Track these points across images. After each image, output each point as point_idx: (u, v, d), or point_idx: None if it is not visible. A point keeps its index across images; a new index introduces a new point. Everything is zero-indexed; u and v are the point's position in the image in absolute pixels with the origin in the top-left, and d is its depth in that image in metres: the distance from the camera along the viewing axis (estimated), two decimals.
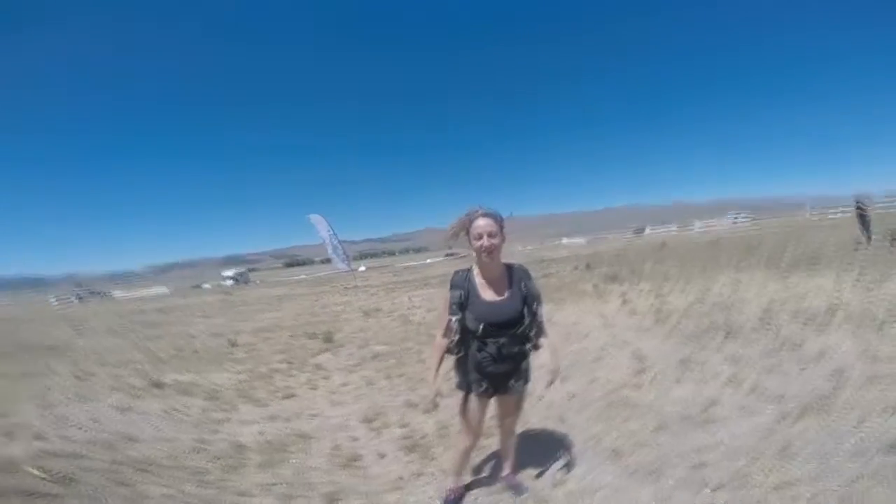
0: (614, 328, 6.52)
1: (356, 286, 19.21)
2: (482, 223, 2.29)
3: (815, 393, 3.60)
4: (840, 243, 15.78)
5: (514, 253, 51.23)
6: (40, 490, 3.00)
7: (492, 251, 2.29)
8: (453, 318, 2.33)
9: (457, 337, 2.36)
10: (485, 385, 2.39)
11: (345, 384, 5.29)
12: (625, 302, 8.41)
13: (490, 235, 2.28)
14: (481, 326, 2.29)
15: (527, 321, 2.36)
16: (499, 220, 2.33)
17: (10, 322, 18.80)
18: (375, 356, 6.44)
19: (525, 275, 2.45)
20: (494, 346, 2.31)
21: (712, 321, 6.08)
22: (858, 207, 15.09)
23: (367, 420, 4.06)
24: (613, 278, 11.97)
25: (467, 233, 2.34)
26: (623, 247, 32.98)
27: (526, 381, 2.50)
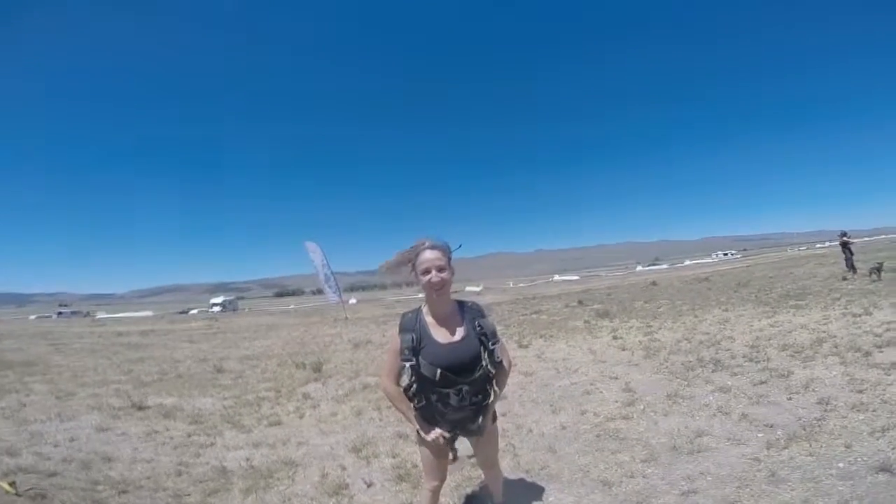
0: (604, 363, 6.54)
1: (346, 318, 19.03)
2: (429, 256, 2.08)
3: (802, 421, 3.65)
4: (827, 275, 16.13)
5: (507, 290, 51.30)
6: None
7: (442, 287, 2.09)
8: (407, 365, 2.10)
9: (413, 385, 2.14)
10: (446, 429, 2.17)
11: (334, 414, 5.20)
12: (615, 338, 8.46)
13: (439, 269, 2.07)
14: (438, 372, 2.06)
15: (485, 363, 2.12)
16: (447, 253, 2.13)
17: None
18: (365, 387, 6.36)
19: (478, 312, 2.23)
20: (456, 398, 2.09)
21: (700, 356, 6.14)
22: (843, 242, 15.63)
23: (356, 449, 3.99)
24: (604, 315, 12.05)
25: (413, 268, 2.14)
26: (615, 284, 33.22)
27: (488, 418, 2.23)
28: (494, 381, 2.21)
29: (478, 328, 2.15)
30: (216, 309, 58.61)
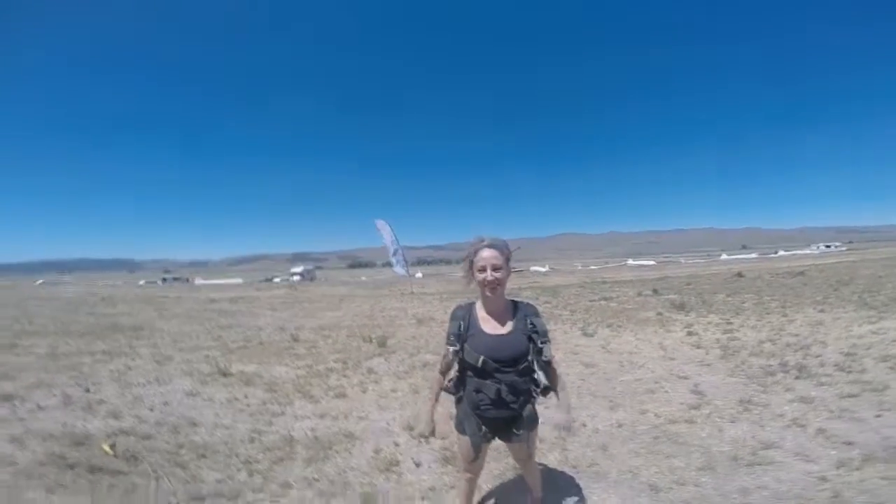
0: (674, 360, 6.22)
1: (412, 292, 19.57)
2: (487, 255, 2.15)
3: (886, 441, 3.29)
4: None
5: (575, 272, 49.88)
6: (107, 466, 3.34)
7: (496, 285, 2.14)
8: (451, 349, 2.20)
9: (455, 374, 2.26)
10: (483, 430, 2.23)
11: (393, 390, 5.42)
12: (690, 333, 8.00)
13: (494, 269, 2.13)
14: (481, 359, 2.12)
15: (531, 359, 2.17)
16: (505, 252, 2.18)
17: (105, 301, 21.00)
18: (425, 365, 6.53)
19: (532, 311, 2.26)
20: (493, 388, 2.13)
21: (784, 361, 5.66)
22: None
23: (410, 428, 4.15)
24: (680, 307, 11.40)
25: (471, 265, 2.21)
26: (695, 273, 31.15)
27: (530, 428, 2.27)
28: (544, 381, 2.22)
29: (529, 325, 2.18)
30: (296, 278, 62.73)
